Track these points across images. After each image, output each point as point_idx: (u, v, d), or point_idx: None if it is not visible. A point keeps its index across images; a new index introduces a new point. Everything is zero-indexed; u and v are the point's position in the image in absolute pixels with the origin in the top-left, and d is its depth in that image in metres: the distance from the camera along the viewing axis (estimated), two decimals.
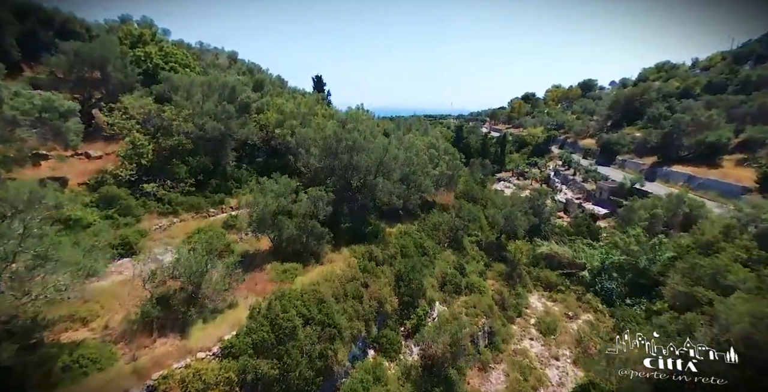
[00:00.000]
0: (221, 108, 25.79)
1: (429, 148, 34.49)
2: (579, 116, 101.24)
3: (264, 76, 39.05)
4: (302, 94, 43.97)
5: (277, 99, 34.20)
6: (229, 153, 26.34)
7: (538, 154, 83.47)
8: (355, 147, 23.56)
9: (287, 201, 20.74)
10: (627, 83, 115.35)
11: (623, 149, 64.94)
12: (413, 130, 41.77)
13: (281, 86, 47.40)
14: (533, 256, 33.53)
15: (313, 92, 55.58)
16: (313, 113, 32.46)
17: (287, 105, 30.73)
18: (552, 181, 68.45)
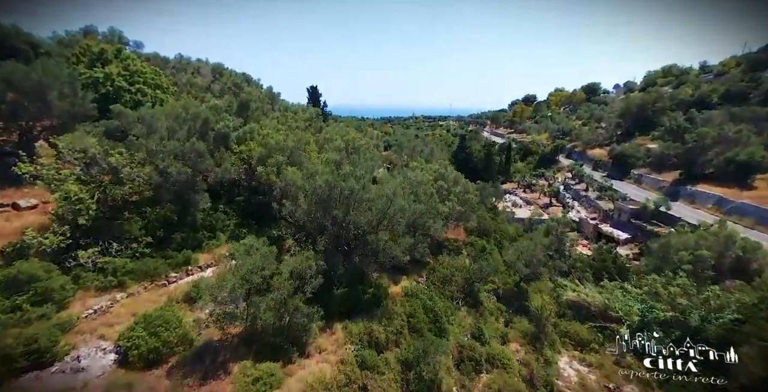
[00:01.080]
0: (190, 146, 20.71)
1: (437, 180, 29.48)
2: (585, 122, 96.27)
3: (250, 95, 34.01)
4: (294, 112, 38.81)
5: (262, 125, 29.14)
6: (199, 198, 21.28)
7: (544, 164, 78.42)
8: (352, 197, 18.52)
9: (268, 274, 15.80)
10: (633, 87, 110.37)
11: (638, 162, 59.92)
12: (417, 155, 36.73)
13: (271, 102, 42.25)
14: (557, 303, 28.58)
15: (308, 106, 50.52)
16: (304, 144, 27.28)
17: (273, 135, 25.59)
18: (562, 195, 63.42)
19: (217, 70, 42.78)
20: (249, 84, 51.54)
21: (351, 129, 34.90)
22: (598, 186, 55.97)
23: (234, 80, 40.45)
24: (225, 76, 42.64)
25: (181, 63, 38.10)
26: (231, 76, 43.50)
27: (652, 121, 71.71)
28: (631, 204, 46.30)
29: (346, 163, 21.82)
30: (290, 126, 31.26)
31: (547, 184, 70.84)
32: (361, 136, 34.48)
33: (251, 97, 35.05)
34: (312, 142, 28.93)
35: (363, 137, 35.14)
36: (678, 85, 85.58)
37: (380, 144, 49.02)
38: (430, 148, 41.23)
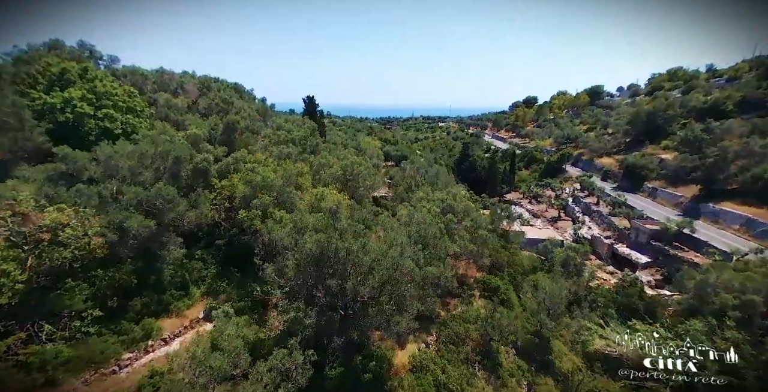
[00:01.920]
0: (155, 192, 16.87)
1: (445, 213, 25.65)
2: (590, 127, 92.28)
3: (238, 115, 30.28)
4: (288, 131, 34.90)
5: (250, 151, 25.32)
6: (168, 252, 17.50)
7: (550, 173, 74.42)
8: (349, 259, 14.71)
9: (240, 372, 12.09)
10: (638, 91, 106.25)
11: (651, 174, 55.96)
12: (422, 178, 32.85)
13: (264, 117, 38.40)
14: (584, 353, 24.81)
15: (303, 118, 46.62)
16: (295, 178, 23.34)
17: (260, 170, 21.67)
18: (570, 208, 59.50)
19: (204, 83, 38.84)
20: (241, 96, 47.74)
21: (350, 152, 31.07)
22: (610, 200, 52.02)
23: (222, 95, 36.43)
24: (213, 90, 38.68)
25: (162, 78, 34.17)
26: (220, 90, 39.52)
27: (662, 128, 67.70)
28: (650, 224, 42.37)
29: (342, 213, 17.99)
30: (281, 153, 27.33)
31: (554, 194, 66.88)
32: (360, 159, 30.61)
33: (239, 118, 31.21)
34: (306, 173, 25.04)
35: (362, 159, 31.25)
36: (687, 90, 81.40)
37: (380, 162, 45.27)
38: (435, 168, 37.07)
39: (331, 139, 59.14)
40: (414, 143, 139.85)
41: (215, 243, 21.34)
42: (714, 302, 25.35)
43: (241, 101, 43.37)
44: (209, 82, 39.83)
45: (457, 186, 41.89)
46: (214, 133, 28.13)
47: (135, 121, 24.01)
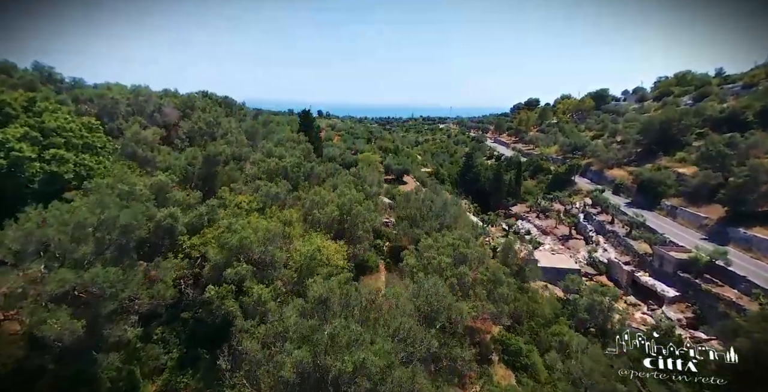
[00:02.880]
0: (91, 277, 12.74)
1: (458, 263, 21.55)
2: (597, 134, 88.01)
3: (220, 146, 26.16)
4: (280, 158, 30.71)
5: (229, 201, 21.16)
6: (105, 357, 13.40)
7: (558, 185, 70.13)
8: (341, 387, 10.64)
9: None
10: (645, 96, 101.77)
11: (669, 190, 51.79)
12: (430, 221, 28.63)
13: (254, 140, 34.20)
14: None
15: (298, 136, 42.40)
16: (279, 237, 19.00)
17: (240, 227, 17.40)
18: (582, 226, 55.40)
19: (186, 103, 34.58)
20: (231, 111, 43.54)
21: (347, 182, 26.90)
22: (627, 220, 47.82)
23: (206, 118, 31.98)
24: (197, 111, 34.37)
25: (138, 100, 29.84)
26: (204, 110, 35.22)
27: (676, 139, 63.50)
28: (675, 251, 38.29)
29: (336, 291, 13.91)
30: (269, 193, 23.17)
31: (562, 209, 62.79)
32: (358, 194, 26.45)
33: (223, 146, 27.01)
34: (296, 220, 20.87)
35: (360, 194, 27.07)
36: (700, 96, 76.99)
37: (381, 183, 41.14)
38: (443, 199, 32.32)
39: (329, 153, 55.01)
40: (414, 146, 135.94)
41: (180, 317, 17.26)
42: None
43: (230, 120, 39.21)
44: (193, 102, 35.47)
45: (465, 215, 37.78)
46: (192, 168, 24.00)
47: (92, 161, 19.85)
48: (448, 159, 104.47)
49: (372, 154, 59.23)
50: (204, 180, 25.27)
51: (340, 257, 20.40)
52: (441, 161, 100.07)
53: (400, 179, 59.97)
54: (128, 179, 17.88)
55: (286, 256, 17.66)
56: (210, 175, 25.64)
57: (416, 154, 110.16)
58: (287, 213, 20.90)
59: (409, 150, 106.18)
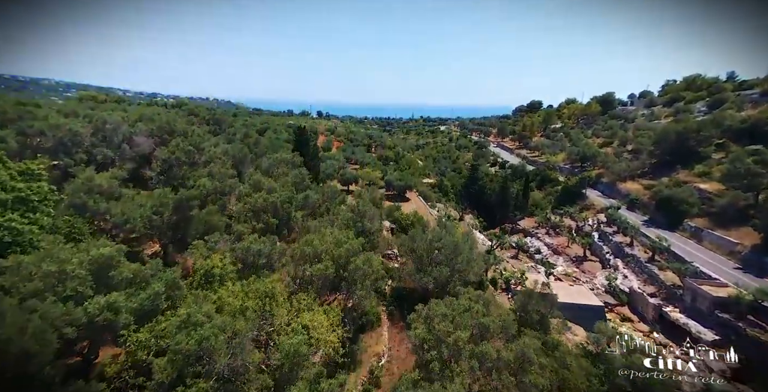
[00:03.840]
0: None
1: (480, 339, 17.36)
2: (606, 141, 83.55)
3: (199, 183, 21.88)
4: (267, 193, 26.40)
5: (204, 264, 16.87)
6: None
7: (568, 198, 65.72)
8: None
9: None
10: (654, 101, 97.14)
11: (692, 209, 47.45)
12: (442, 267, 24.28)
13: (242, 164, 29.89)
14: None
15: (293, 156, 38.06)
16: (252, 331, 14.56)
17: (201, 324, 13.07)
18: (597, 247, 51.09)
19: (165, 128, 30.15)
20: (220, 128, 39.10)
21: (349, 235, 22.49)
22: (650, 245, 43.44)
23: (185, 146, 27.35)
24: (176, 135, 29.87)
25: (105, 128, 25.21)
26: (186, 134, 30.74)
27: (694, 151, 59.17)
28: (710, 286, 34.00)
29: None
30: (249, 251, 18.89)
31: (574, 225, 58.51)
32: (357, 242, 22.18)
33: (196, 192, 22.65)
34: (279, 293, 16.57)
35: (359, 241, 22.78)
36: (716, 104, 72.47)
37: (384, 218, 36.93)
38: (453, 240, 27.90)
39: (326, 169, 50.75)
40: (415, 150, 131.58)
41: None
42: None
43: (217, 142, 34.99)
44: (172, 125, 30.95)
45: (477, 246, 33.52)
46: (159, 217, 19.74)
47: (21, 223, 15.58)
48: (450, 165, 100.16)
49: (372, 170, 54.87)
50: (175, 228, 21.00)
51: (334, 339, 16.21)
52: (443, 169, 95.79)
53: (402, 195, 55.81)
54: (61, 253, 13.59)
55: (262, 358, 13.41)
56: (184, 220, 21.38)
57: (417, 160, 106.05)
58: (269, 282, 16.61)
59: (409, 156, 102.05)
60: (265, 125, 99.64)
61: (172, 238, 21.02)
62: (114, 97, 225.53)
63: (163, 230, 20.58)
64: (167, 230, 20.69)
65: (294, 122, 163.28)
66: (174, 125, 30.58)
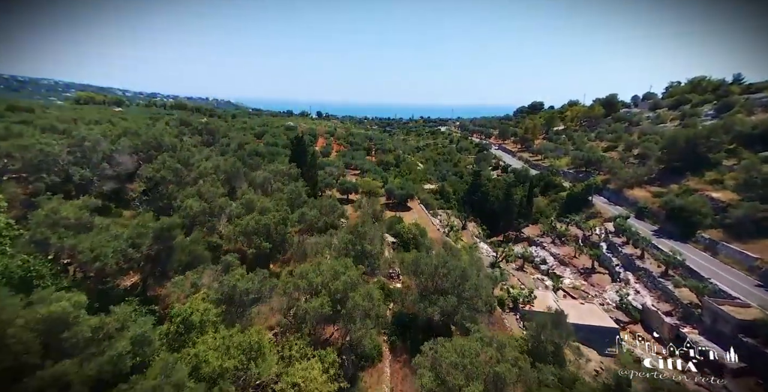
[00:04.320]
0: None
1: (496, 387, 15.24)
2: (611, 145, 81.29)
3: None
4: (259, 215, 24.23)
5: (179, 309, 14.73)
6: None
7: (574, 205, 63.47)
8: None
9: None
10: (659, 103, 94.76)
11: (705, 220, 45.25)
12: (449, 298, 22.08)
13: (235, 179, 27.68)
14: None
15: (290, 167, 35.78)
16: None
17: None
18: (606, 258, 48.89)
19: (151, 144, 27.76)
20: (214, 138, 36.87)
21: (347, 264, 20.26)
22: (663, 259, 41.18)
23: (172, 164, 24.75)
24: (162, 153, 27.39)
25: (83, 147, 22.95)
26: (175, 148, 28.36)
27: (704, 157, 56.95)
28: (732, 306, 31.83)
29: None
30: (236, 290, 16.70)
31: (581, 234, 56.33)
32: (356, 272, 20.01)
33: (179, 221, 20.37)
34: (266, 345, 14.41)
35: (358, 271, 20.59)
36: (724, 107, 70.17)
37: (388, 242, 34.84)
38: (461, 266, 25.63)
39: (324, 179, 48.53)
40: (416, 152, 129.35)
41: None
42: None
43: (209, 155, 32.79)
44: (160, 139, 28.57)
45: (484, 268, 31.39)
46: (136, 249, 17.53)
47: None
48: (451, 169, 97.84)
49: (372, 179, 52.65)
50: (155, 260, 18.82)
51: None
52: (444, 173, 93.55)
53: (403, 203, 53.62)
54: (9, 308, 11.40)
55: None
56: (165, 249, 19.19)
57: (417, 163, 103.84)
58: (255, 332, 14.44)
59: (410, 159, 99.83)
60: (264, 128, 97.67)
61: (151, 271, 18.84)
62: (113, 97, 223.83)
63: (141, 263, 18.40)
64: (146, 263, 18.51)
65: (293, 123, 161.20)
66: (161, 139, 28.30)
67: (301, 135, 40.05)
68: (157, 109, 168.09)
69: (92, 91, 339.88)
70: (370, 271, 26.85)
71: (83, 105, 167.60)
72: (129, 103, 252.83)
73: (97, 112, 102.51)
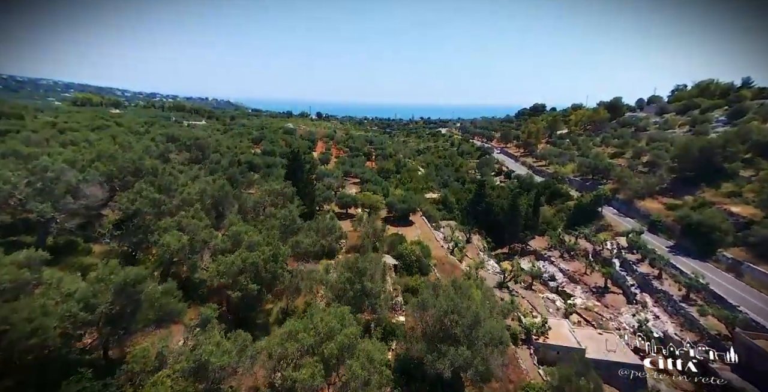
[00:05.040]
0: None
1: None
2: (617, 151, 78.16)
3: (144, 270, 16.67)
4: (247, 251, 21.17)
5: None
6: None
7: (583, 217, 60.33)
8: None
9: None
10: (666, 108, 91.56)
11: (726, 238, 42.19)
12: (461, 348, 19.01)
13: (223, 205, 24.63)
14: None
15: (285, 185, 32.65)
16: None
17: None
18: (620, 277, 45.83)
19: (128, 169, 24.49)
20: (204, 154, 33.79)
21: (345, 315, 17.19)
22: (685, 282, 38.04)
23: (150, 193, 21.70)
24: (140, 181, 24.03)
25: (44, 178, 19.79)
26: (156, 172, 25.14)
27: (720, 167, 53.90)
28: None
29: None
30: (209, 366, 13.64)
31: (591, 248, 53.31)
32: (354, 330, 16.93)
33: (145, 272, 17.23)
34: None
35: (357, 329, 17.51)
36: (737, 113, 67.02)
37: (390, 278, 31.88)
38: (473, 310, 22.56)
39: (322, 193, 45.33)
40: (416, 156, 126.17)
41: None
42: None
43: (196, 176, 29.73)
44: (138, 164, 25.25)
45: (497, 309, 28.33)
46: (90, 313, 14.47)
47: None
48: (453, 175, 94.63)
49: (372, 193, 49.54)
50: (117, 319, 15.74)
51: None
52: (446, 178, 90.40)
53: (405, 218, 50.52)
54: None
55: None
56: (130, 304, 16.10)
57: (418, 167, 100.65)
58: None
59: (411, 164, 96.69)
60: (261, 133, 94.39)
61: (111, 333, 15.77)
62: (110, 98, 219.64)
63: (100, 323, 15.33)
64: (104, 325, 15.43)
65: (293, 125, 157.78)
66: (140, 163, 25.08)
67: (298, 150, 36.82)
68: (155, 111, 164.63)
69: (91, 91, 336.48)
70: (371, 309, 23.85)
71: (80, 106, 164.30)
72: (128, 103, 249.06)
73: (92, 115, 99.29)
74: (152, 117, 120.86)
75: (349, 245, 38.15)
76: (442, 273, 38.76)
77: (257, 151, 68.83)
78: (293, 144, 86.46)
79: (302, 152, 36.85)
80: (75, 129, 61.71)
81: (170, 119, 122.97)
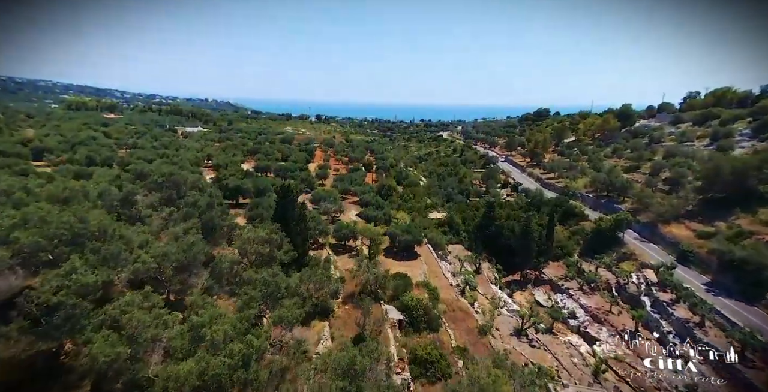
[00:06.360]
0: None
1: None
2: (631, 165, 72.26)
3: None
4: (210, 357, 15.16)
5: None
6: None
7: (600, 242, 54.44)
8: None
9: None
10: (681, 118, 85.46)
11: None
12: None
13: (192, 271, 18.74)
14: None
15: (269, 236, 26.81)
16: None
17: None
18: (652, 320, 39.97)
19: (63, 225, 18.75)
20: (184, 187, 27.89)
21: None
22: (738, 337, 32.16)
23: (106, 249, 16.12)
24: (79, 252, 18.27)
25: None
26: (105, 237, 19.51)
27: (755, 189, 48.08)
28: None
29: None
30: None
31: (615, 281, 47.53)
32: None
33: None
34: None
35: None
36: (762, 127, 61.04)
37: None
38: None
39: (316, 226, 39.44)
40: (418, 163, 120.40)
41: None
42: None
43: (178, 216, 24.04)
44: (80, 222, 19.31)
45: None
46: None
47: None
48: (456, 186, 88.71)
49: (373, 225, 43.71)
50: None
51: None
52: (449, 190, 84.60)
53: (409, 249, 44.62)
54: None
55: None
56: None
57: (420, 176, 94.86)
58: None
59: (412, 174, 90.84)
60: (257, 146, 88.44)
61: None
62: (106, 102, 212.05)
63: None
64: None
65: (291, 129, 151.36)
66: (83, 225, 19.11)
67: (288, 186, 30.95)
68: (151, 115, 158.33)
69: (90, 92, 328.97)
70: None
71: (75, 111, 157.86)
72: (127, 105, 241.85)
73: (81, 124, 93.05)
74: (146, 124, 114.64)
75: (347, 292, 32.49)
76: (454, 325, 33.12)
77: (250, 168, 62.88)
78: (290, 154, 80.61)
79: (293, 189, 30.77)
80: (51, 149, 55.78)
81: (165, 126, 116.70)
